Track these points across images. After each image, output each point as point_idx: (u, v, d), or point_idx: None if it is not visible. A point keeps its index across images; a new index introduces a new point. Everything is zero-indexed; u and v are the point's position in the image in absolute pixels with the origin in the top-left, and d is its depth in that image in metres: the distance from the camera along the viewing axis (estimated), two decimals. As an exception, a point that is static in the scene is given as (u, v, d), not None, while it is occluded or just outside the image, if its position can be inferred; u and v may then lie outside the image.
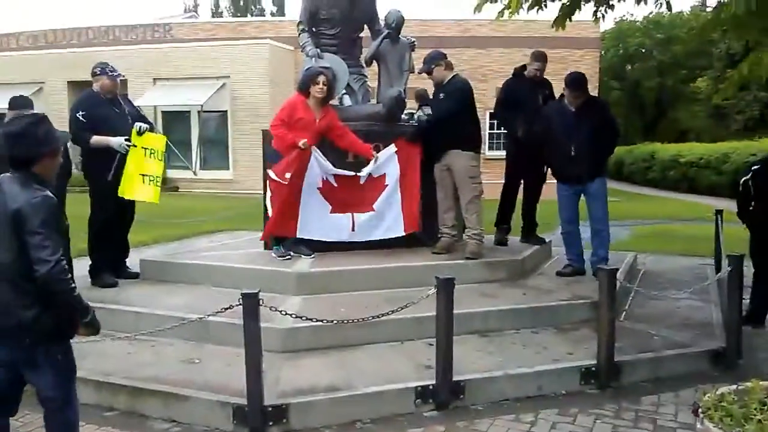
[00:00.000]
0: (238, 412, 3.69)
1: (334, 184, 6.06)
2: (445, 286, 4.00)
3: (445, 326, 4.00)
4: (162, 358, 4.51)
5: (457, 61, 6.43)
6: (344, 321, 4.35)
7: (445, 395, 4.02)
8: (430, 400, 4.01)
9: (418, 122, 6.76)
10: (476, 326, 5.04)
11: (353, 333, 4.61)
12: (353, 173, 6.11)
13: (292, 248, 5.97)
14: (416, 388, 4.01)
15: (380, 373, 4.21)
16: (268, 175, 5.79)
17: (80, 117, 5.72)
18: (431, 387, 4.02)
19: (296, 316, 4.17)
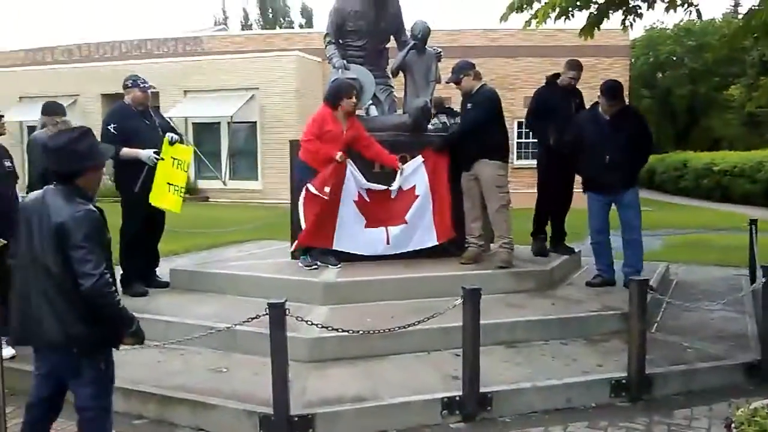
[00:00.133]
0: (264, 422, 3.71)
1: (367, 198, 6.10)
2: (472, 296, 3.97)
3: (472, 337, 3.97)
4: (191, 367, 4.56)
5: (484, 70, 6.42)
6: (371, 331, 4.36)
7: (472, 407, 3.99)
8: (457, 412, 3.98)
9: (449, 127, 6.76)
10: (504, 337, 5.00)
11: (380, 343, 4.61)
12: (384, 187, 6.13)
13: (319, 258, 6.00)
14: (443, 399, 3.99)
15: (407, 384, 4.20)
16: (308, 189, 5.76)
17: (112, 129, 5.83)
18: (458, 398, 3.99)
19: (322, 326, 4.18)
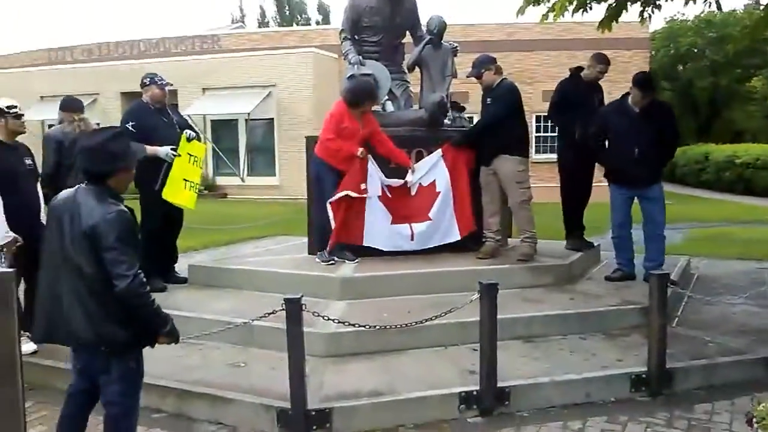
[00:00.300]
0: (282, 416, 3.73)
1: (389, 194, 6.09)
2: (489, 291, 3.95)
3: (489, 331, 3.96)
4: (209, 362, 4.59)
5: (501, 64, 6.36)
6: (388, 326, 4.36)
7: (490, 401, 3.98)
8: (474, 406, 3.97)
9: (454, 122, 6.75)
10: (521, 332, 4.97)
11: (397, 338, 4.60)
12: (402, 182, 6.11)
13: (336, 253, 6.01)
14: (460, 393, 3.98)
15: (424, 379, 4.19)
16: (348, 195, 5.78)
17: (130, 127, 5.88)
18: (475, 393, 3.97)
19: (339, 321, 4.18)
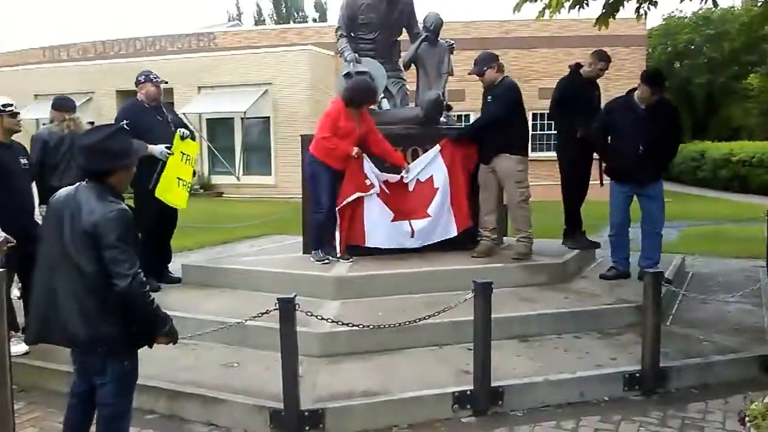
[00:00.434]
0: (275, 416, 3.71)
1: (387, 191, 6.07)
2: (483, 290, 3.94)
3: (483, 331, 3.95)
4: (202, 362, 4.57)
5: (499, 62, 6.33)
6: (382, 326, 4.34)
7: (484, 401, 3.97)
8: (468, 406, 3.96)
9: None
10: (516, 331, 4.96)
11: (391, 337, 4.59)
12: (399, 177, 6.09)
13: (330, 252, 5.99)
14: (454, 393, 3.97)
15: (418, 378, 4.18)
16: (361, 197, 5.86)
17: (125, 125, 5.84)
18: (469, 392, 3.96)
19: (332, 320, 4.17)
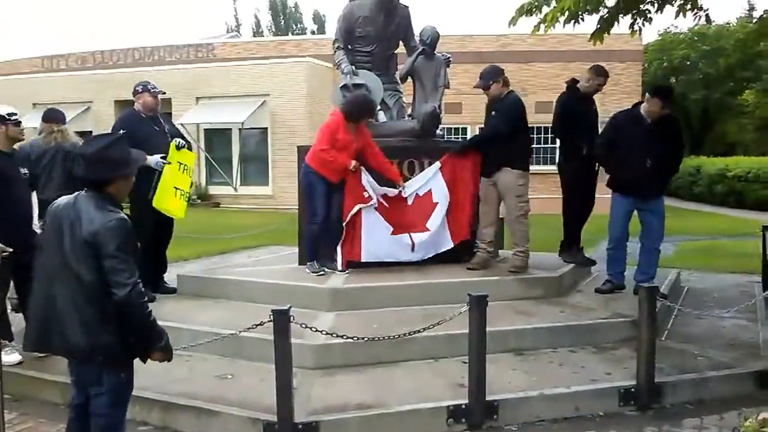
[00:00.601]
0: (268, 429, 3.69)
1: (386, 204, 6.06)
2: (478, 303, 3.93)
3: (478, 344, 3.93)
4: (196, 374, 4.55)
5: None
6: (377, 338, 4.32)
7: (478, 415, 3.95)
8: (463, 420, 3.95)
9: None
10: (511, 344, 4.95)
11: (386, 350, 4.58)
12: (397, 191, 6.09)
13: (326, 264, 5.98)
14: (448, 407, 3.95)
15: (413, 392, 4.17)
16: (361, 210, 5.86)
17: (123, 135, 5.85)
18: (464, 406, 3.95)
19: (327, 332, 4.15)
